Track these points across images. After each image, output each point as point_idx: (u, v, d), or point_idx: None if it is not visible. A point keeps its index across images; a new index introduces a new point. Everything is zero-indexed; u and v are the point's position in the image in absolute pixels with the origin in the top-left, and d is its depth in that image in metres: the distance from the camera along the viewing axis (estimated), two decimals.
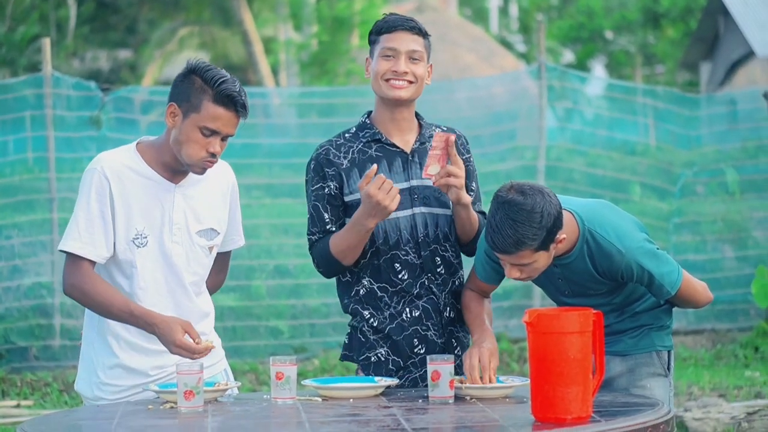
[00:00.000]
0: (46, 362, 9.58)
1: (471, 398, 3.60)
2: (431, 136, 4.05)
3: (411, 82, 3.97)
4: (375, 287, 4.00)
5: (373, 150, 4.01)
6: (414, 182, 3.99)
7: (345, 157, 4.00)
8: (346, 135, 4.06)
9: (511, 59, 25.18)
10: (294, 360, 3.59)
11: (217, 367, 4.01)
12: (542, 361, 3.20)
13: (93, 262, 3.81)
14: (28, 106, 10.48)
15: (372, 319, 4.00)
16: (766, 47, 23.34)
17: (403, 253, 3.98)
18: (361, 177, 3.95)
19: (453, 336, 4.04)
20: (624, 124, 13.31)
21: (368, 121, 4.06)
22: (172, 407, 3.52)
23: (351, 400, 3.61)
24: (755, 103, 12.03)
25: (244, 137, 10.37)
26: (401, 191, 3.92)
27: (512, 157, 11.89)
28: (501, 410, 3.41)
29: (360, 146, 4.02)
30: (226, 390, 3.70)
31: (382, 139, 4.02)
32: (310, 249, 4.05)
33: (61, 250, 3.83)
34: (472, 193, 4.06)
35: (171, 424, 3.33)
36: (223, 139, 3.79)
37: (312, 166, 4.03)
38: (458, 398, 3.59)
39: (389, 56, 3.97)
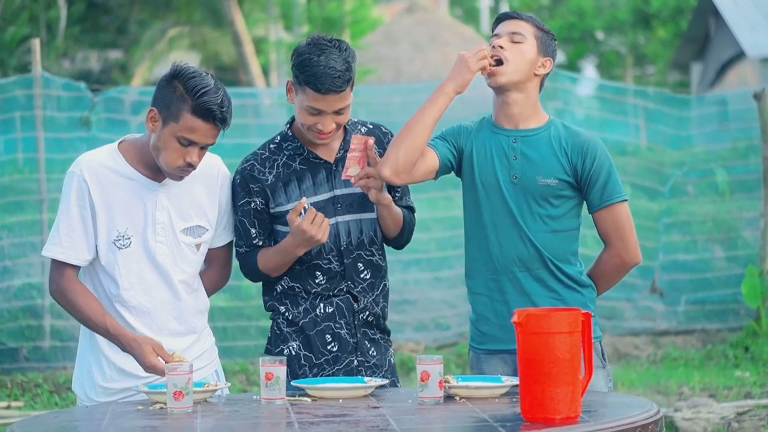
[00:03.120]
0: (37, 363, 9.57)
1: (460, 398, 3.60)
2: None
3: (336, 130, 3.96)
4: (294, 285, 4.04)
5: (297, 163, 4.02)
6: (337, 191, 4.01)
7: (270, 173, 4.01)
8: (271, 146, 4.06)
9: None
10: (283, 360, 3.59)
11: (209, 368, 4.01)
12: (531, 361, 3.20)
13: (76, 267, 3.82)
14: (18, 106, 10.46)
15: (287, 313, 4.05)
16: (757, 48, 23.39)
17: (325, 261, 4.02)
18: (286, 192, 3.99)
19: (367, 337, 4.07)
20: (615, 125, 13.33)
21: (290, 133, 4.05)
22: (161, 408, 3.52)
23: (340, 400, 3.61)
24: (745, 103, 12.04)
25: (234, 137, 10.36)
26: (325, 201, 3.98)
27: None
28: (491, 410, 3.41)
29: (284, 159, 4.02)
30: (215, 390, 3.70)
31: (305, 153, 4.02)
32: (237, 257, 4.08)
33: (44, 255, 3.85)
34: (398, 191, 4.10)
35: (160, 424, 3.33)
36: (202, 148, 3.77)
37: (238, 181, 4.03)
38: (448, 398, 3.59)
39: (315, 114, 3.90)
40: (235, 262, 4.13)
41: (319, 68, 3.83)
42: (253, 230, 4.02)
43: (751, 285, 10.16)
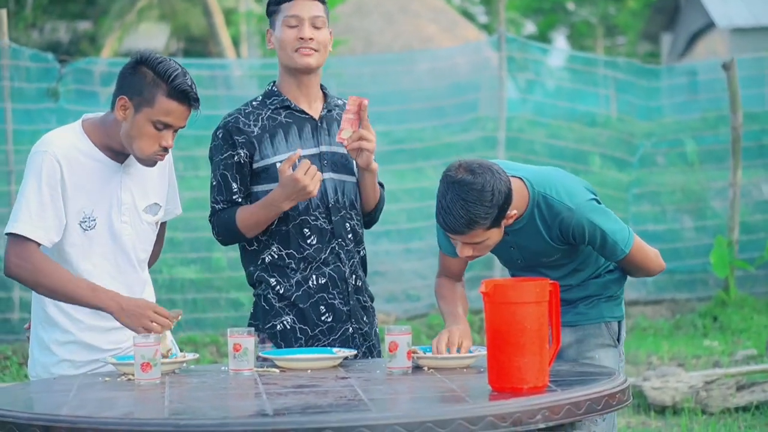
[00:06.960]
0: (5, 335, 9.53)
1: (429, 369, 3.61)
2: (337, 106, 4.11)
3: (316, 50, 4.01)
4: (283, 254, 4.02)
5: (282, 116, 4.04)
6: (323, 148, 4.04)
7: (255, 125, 4.02)
8: (254, 103, 4.09)
9: (473, 30, 25.17)
10: (252, 331, 3.59)
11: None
12: (498, 331, 3.21)
13: (39, 245, 3.77)
14: None
15: (278, 287, 4.02)
16: (726, 18, 23.45)
17: (313, 218, 4.01)
18: (272, 144, 4.00)
19: (360, 304, 4.09)
20: (585, 96, 13.36)
21: (276, 89, 4.10)
22: (129, 379, 3.51)
23: (309, 371, 3.62)
24: (715, 74, 12.09)
25: (205, 109, 10.23)
26: (311, 156, 3.99)
27: (474, 128, 11.89)
28: (458, 380, 3.42)
29: (269, 113, 4.05)
30: (183, 362, 3.70)
31: (291, 106, 4.05)
32: (211, 216, 4.07)
33: (9, 233, 3.74)
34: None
35: (128, 395, 3.33)
36: (175, 131, 3.77)
37: (220, 135, 4.04)
38: (416, 369, 3.60)
39: (293, 25, 4.00)
40: (207, 229, 4.09)
41: None
42: (234, 185, 4.00)
43: (720, 255, 10.22)
